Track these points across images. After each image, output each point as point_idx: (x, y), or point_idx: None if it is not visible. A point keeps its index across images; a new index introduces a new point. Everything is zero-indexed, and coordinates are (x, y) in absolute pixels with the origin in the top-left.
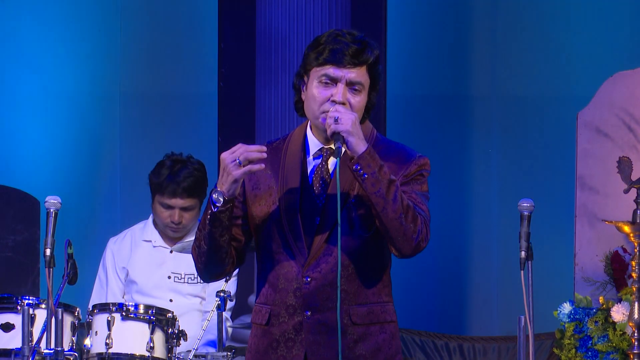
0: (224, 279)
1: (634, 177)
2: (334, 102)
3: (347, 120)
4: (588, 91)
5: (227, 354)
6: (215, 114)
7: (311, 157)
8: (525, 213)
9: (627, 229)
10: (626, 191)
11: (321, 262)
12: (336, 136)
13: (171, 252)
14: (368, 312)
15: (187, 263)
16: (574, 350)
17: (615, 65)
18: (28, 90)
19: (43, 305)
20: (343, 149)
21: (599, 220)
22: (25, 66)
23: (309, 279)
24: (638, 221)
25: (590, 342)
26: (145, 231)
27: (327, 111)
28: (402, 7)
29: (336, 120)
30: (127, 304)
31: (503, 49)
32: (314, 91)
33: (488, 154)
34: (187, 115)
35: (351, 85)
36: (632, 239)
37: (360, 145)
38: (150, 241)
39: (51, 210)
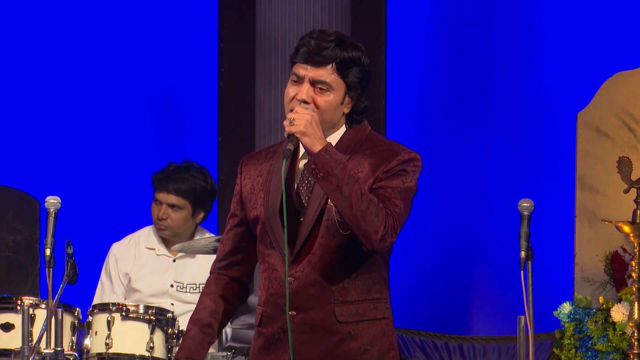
0: None
1: (634, 177)
2: (298, 101)
3: (300, 120)
4: (588, 91)
5: (227, 354)
6: (215, 114)
7: (299, 158)
8: (525, 213)
9: (627, 229)
10: (626, 191)
11: (304, 262)
12: (291, 137)
13: (174, 260)
14: (355, 310)
15: (189, 273)
16: (574, 350)
17: (615, 65)
18: (27, 90)
19: (43, 305)
20: (301, 150)
21: (599, 220)
22: (23, 66)
23: (292, 279)
24: (638, 221)
25: (590, 342)
26: (149, 239)
27: (293, 109)
28: (402, 7)
29: (291, 122)
30: (127, 304)
31: (503, 49)
32: (286, 90)
33: (488, 154)
34: (187, 115)
35: (315, 84)
36: (632, 239)
37: (316, 144)
38: (153, 249)
39: (51, 210)
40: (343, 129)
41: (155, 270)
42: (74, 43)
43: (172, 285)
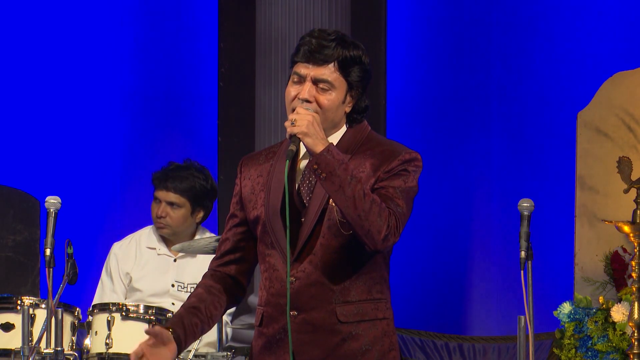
0: None
1: (634, 177)
2: (300, 100)
3: (302, 121)
4: (588, 91)
5: (227, 354)
6: (215, 114)
7: (300, 158)
8: (525, 213)
9: (627, 229)
10: (626, 191)
11: (305, 262)
12: (293, 138)
13: (175, 260)
14: (356, 310)
15: (190, 272)
16: (574, 350)
17: (615, 65)
18: (28, 90)
19: (43, 305)
20: (302, 150)
21: (599, 220)
22: (24, 66)
23: (293, 279)
24: (638, 221)
25: (590, 342)
26: (150, 238)
27: (294, 109)
28: (402, 6)
29: (293, 123)
30: (127, 303)
31: (503, 48)
32: (287, 89)
33: (488, 154)
34: (187, 115)
35: (317, 83)
36: (632, 239)
37: (318, 145)
38: (154, 249)
39: (51, 210)
40: (344, 128)
41: (156, 270)
42: (74, 43)
43: (173, 285)
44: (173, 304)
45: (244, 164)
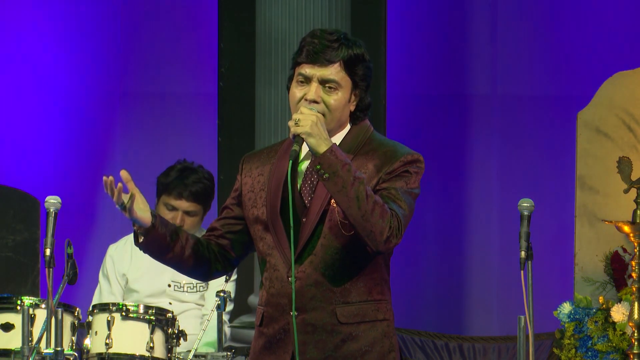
0: (224, 279)
1: (634, 177)
2: (307, 101)
3: (306, 121)
4: (588, 91)
5: (227, 354)
6: (215, 114)
7: (302, 158)
8: (525, 213)
9: (627, 229)
10: (626, 191)
11: (305, 263)
12: (296, 138)
13: None
14: (357, 311)
15: None
16: (574, 350)
17: (615, 65)
18: (28, 90)
19: (43, 305)
20: (303, 151)
21: (599, 220)
22: (25, 66)
23: (294, 280)
24: (638, 221)
25: (590, 342)
26: None
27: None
28: (402, 7)
29: (297, 123)
30: (127, 304)
31: (503, 48)
32: (292, 91)
33: (488, 154)
34: (187, 115)
35: (324, 83)
36: (632, 239)
37: (321, 145)
38: None
39: (51, 210)
40: (348, 127)
41: (152, 270)
42: (73, 43)
43: (169, 285)
44: (170, 303)
45: (246, 161)
